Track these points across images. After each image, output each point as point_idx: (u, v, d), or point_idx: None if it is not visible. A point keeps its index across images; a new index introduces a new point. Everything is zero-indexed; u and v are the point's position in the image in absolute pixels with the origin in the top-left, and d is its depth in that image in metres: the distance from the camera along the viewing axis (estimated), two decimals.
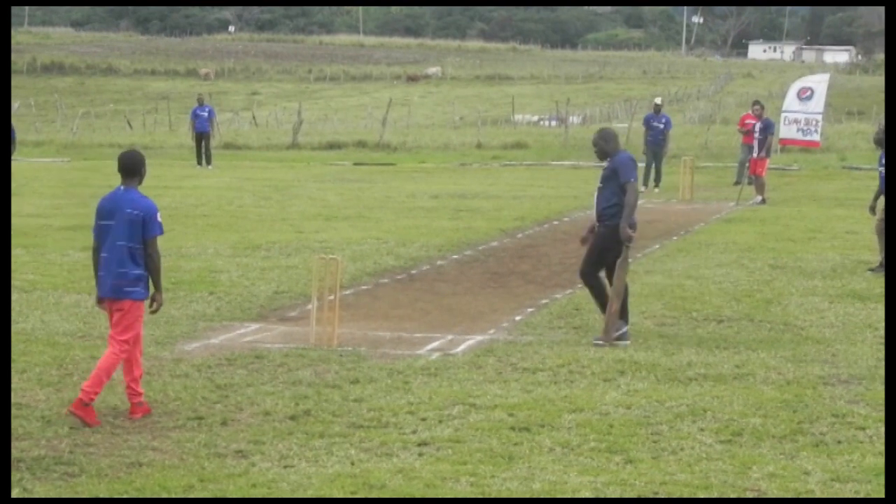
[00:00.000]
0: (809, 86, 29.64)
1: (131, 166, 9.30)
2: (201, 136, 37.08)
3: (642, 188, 29.77)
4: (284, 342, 11.96)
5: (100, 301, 9.35)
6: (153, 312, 9.44)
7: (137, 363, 9.36)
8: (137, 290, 9.19)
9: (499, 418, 9.22)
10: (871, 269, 16.66)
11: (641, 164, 31.68)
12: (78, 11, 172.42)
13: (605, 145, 12.15)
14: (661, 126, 30.38)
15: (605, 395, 9.95)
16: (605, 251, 12.11)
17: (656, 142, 30.19)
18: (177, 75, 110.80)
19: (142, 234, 9.12)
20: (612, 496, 7.54)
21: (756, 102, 29.60)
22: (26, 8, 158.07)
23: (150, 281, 9.27)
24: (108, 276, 9.14)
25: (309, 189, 29.23)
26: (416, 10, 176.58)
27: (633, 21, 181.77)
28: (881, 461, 8.11)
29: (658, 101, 32.06)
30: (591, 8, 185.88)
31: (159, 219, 9.22)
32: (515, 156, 41.94)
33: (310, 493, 7.52)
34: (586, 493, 7.57)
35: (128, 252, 9.11)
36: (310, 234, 19.83)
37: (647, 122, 30.97)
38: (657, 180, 30.03)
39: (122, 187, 9.27)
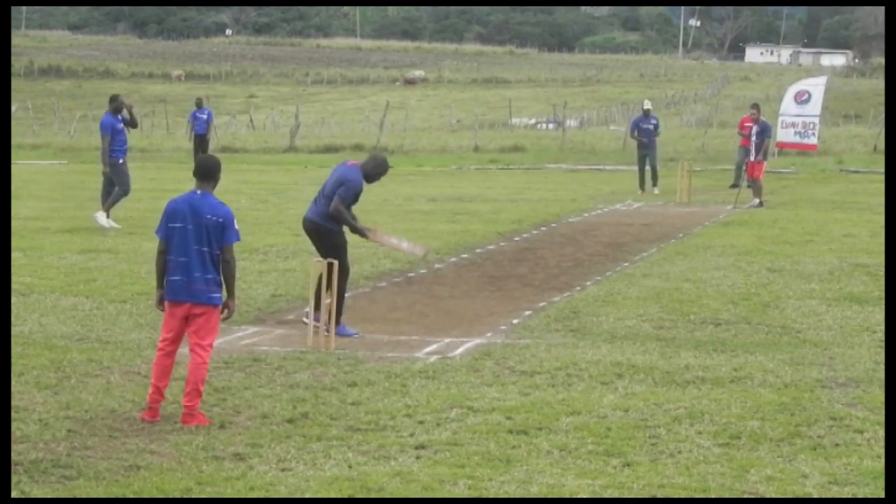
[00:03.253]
0: (806, 89, 29.64)
1: (208, 171, 9.28)
2: (200, 139, 37.10)
3: (639, 191, 29.73)
4: (282, 345, 11.96)
5: (166, 303, 9.24)
6: (225, 319, 9.43)
7: (170, 371, 9.36)
8: (218, 296, 9.19)
9: (496, 421, 9.22)
10: None
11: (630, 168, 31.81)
12: (75, 15, 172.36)
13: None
14: (651, 127, 30.48)
15: (603, 398, 9.96)
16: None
17: (649, 145, 30.26)
18: (174, 79, 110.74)
19: (220, 240, 9.12)
20: (610, 498, 7.55)
21: (754, 105, 29.59)
22: (23, 11, 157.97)
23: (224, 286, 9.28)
24: (188, 280, 9.09)
25: (306, 192, 29.15)
26: (413, 13, 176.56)
27: (630, 24, 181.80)
28: (879, 464, 8.12)
29: (647, 105, 32.01)
30: (589, 11, 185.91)
31: (236, 225, 9.24)
32: (512, 159, 41.95)
33: (307, 496, 7.52)
34: (584, 496, 7.57)
35: (208, 257, 9.11)
36: (307, 238, 19.79)
37: (637, 125, 31.02)
38: (654, 180, 30.13)
39: (197, 191, 9.22)
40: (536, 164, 40.01)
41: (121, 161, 20.66)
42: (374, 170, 12.62)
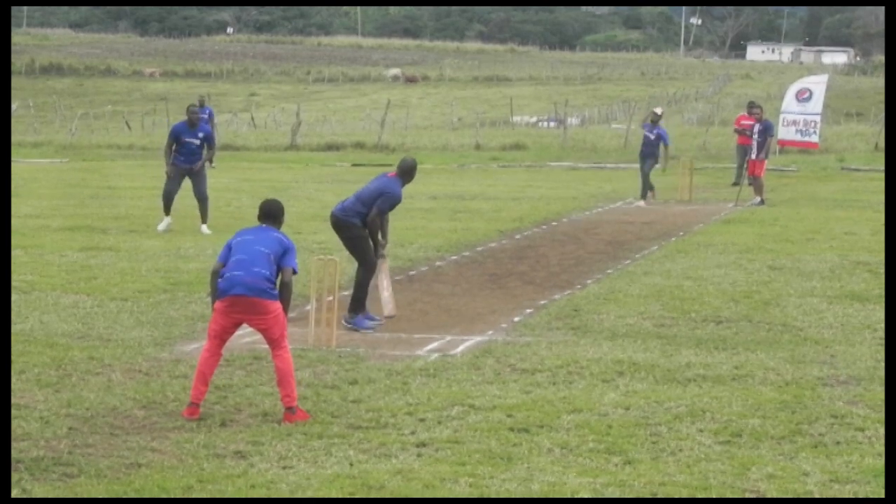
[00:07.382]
0: (808, 87, 29.61)
1: (272, 213, 9.70)
2: None
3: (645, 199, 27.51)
4: None
5: (217, 302, 9.33)
6: None
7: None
8: (276, 293, 9.31)
9: (497, 419, 9.22)
10: None
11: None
12: (76, 13, 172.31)
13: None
14: (652, 137, 26.81)
15: (604, 395, 9.96)
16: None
17: (644, 153, 26.94)
18: (175, 76, 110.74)
19: (281, 260, 9.33)
20: (611, 497, 7.55)
21: (752, 104, 29.46)
22: (25, 9, 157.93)
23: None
24: (247, 273, 9.21)
25: (307, 190, 29.21)
26: (415, 11, 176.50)
27: (631, 22, 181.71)
28: (880, 462, 8.12)
29: (658, 111, 28.77)
30: (590, 9, 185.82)
31: (296, 258, 9.48)
32: (514, 157, 41.94)
33: (309, 494, 7.52)
34: (585, 494, 7.57)
35: (269, 259, 9.29)
36: (308, 235, 19.79)
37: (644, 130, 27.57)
38: (643, 191, 26.79)
39: (262, 225, 9.60)
40: (538, 163, 39.99)
41: (171, 166, 20.53)
42: (408, 174, 13.33)
